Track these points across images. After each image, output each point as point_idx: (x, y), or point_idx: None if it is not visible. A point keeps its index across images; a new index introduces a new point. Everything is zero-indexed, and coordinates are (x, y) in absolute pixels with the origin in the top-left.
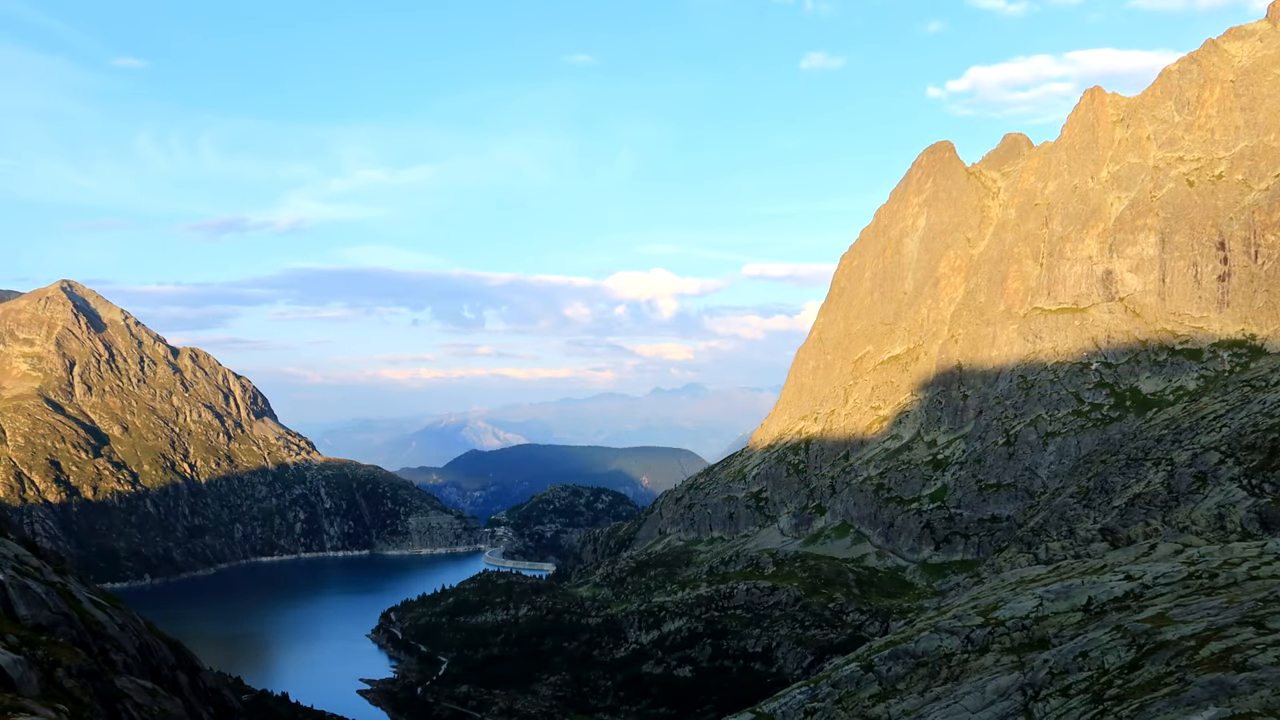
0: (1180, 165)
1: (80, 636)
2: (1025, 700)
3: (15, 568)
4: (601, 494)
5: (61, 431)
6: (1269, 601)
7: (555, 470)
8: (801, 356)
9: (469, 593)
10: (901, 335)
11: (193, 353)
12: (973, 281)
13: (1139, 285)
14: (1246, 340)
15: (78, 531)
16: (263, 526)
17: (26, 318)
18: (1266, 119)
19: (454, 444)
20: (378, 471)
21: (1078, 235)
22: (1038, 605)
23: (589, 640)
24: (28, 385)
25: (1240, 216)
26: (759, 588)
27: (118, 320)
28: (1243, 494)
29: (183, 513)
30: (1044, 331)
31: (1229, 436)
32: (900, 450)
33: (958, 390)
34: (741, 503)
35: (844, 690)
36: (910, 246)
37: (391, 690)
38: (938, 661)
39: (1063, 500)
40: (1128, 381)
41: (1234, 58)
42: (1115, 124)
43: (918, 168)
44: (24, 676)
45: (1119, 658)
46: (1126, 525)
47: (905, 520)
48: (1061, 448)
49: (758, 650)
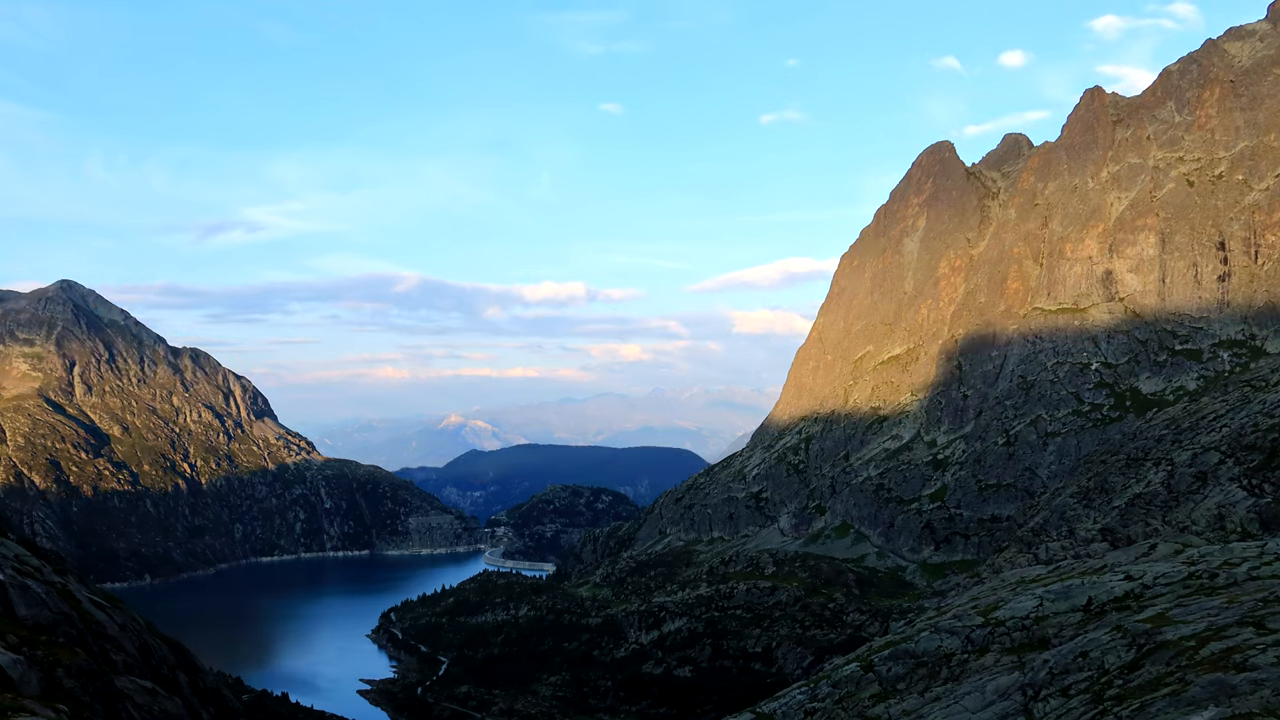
0: (1180, 165)
1: (80, 636)
2: (1025, 700)
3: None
4: (601, 494)
5: (61, 431)
6: (1269, 601)
7: (555, 470)
8: (801, 356)
9: (469, 593)
10: (901, 335)
11: (193, 353)
12: (973, 281)
13: (1139, 285)
14: (1246, 340)
15: (78, 531)
16: (263, 527)
17: (26, 318)
18: (1266, 119)
19: (454, 444)
20: (378, 471)
21: (1078, 235)
22: (1038, 605)
23: (589, 640)
24: (28, 385)
25: (1240, 216)
26: (759, 588)
27: (118, 320)
28: (1243, 494)
29: (183, 513)
30: (1044, 331)
31: (1229, 436)
32: (900, 450)
33: (958, 390)
34: (741, 503)
35: (844, 690)
36: (910, 246)
37: (391, 690)
38: (938, 661)
39: (1063, 500)
40: (1128, 381)
41: (1234, 58)
42: (1115, 124)
43: (918, 167)
44: (24, 676)
45: (1119, 658)
46: (1126, 525)
47: (905, 520)
48: (1061, 448)
49: (758, 650)
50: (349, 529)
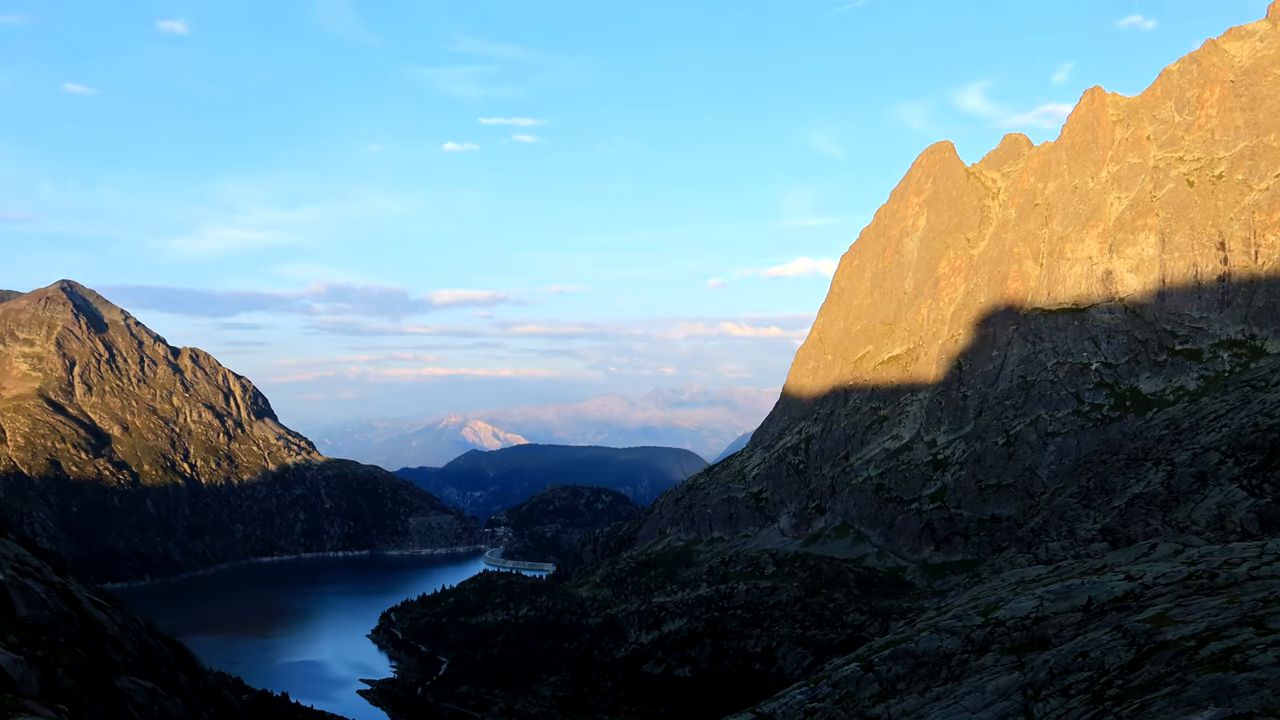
0: (1180, 165)
1: (80, 636)
2: (1025, 700)
3: (15, 568)
4: (601, 494)
5: (61, 431)
6: (1269, 601)
7: (555, 470)
8: (801, 356)
9: (469, 593)
10: (901, 335)
11: (193, 353)
12: (973, 281)
13: (1139, 285)
14: (1246, 340)
15: (78, 531)
16: (263, 526)
17: (26, 318)
18: (1266, 119)
19: (454, 444)
20: (378, 471)
21: (1078, 235)
22: (1038, 605)
23: (589, 640)
24: (28, 385)
25: (1240, 216)
26: (759, 588)
27: (118, 320)
28: (1243, 494)
29: (183, 513)
30: (1044, 331)
31: (1229, 436)
32: (900, 450)
33: (958, 390)
34: (741, 503)
35: (844, 690)
36: (910, 246)
37: (391, 690)
38: (938, 661)
39: (1063, 500)
40: (1128, 381)
41: (1234, 58)
42: (1115, 124)
43: (918, 167)
44: (24, 676)
45: (1119, 658)
46: (1126, 525)
47: (905, 520)
48: (1061, 448)
49: (758, 650)
50: (349, 529)
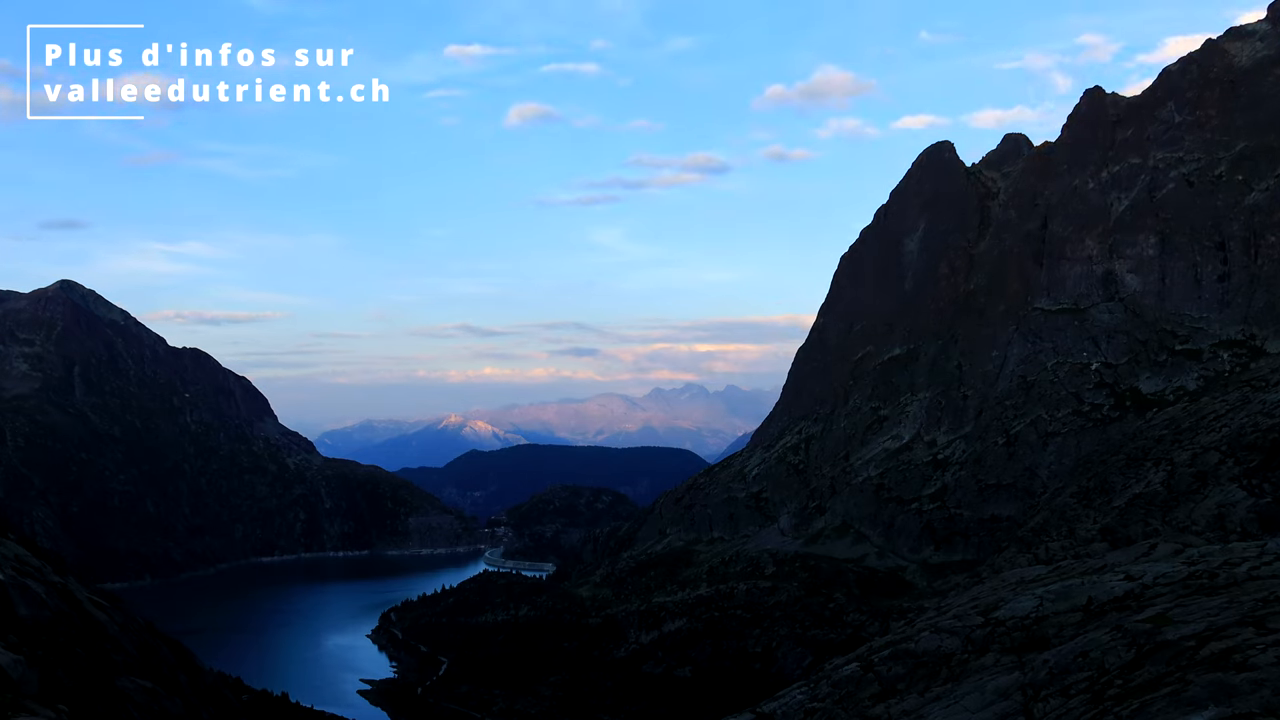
0: (1180, 166)
1: (80, 636)
2: (1025, 700)
3: (15, 568)
4: (601, 494)
5: (62, 431)
6: (1269, 601)
7: (555, 470)
8: (801, 356)
9: (469, 593)
10: (901, 335)
11: (193, 353)
12: (973, 281)
13: (1139, 286)
14: (1246, 340)
15: (78, 531)
16: (263, 527)
17: (26, 318)
18: (1267, 119)
19: (454, 444)
20: (378, 471)
21: (1078, 235)
22: (1038, 605)
23: (589, 640)
24: (28, 385)
25: (1240, 217)
26: (759, 588)
27: (118, 320)
28: (1243, 494)
29: (183, 513)
30: (1044, 331)
31: (1229, 436)
32: (900, 450)
33: (958, 390)
34: (741, 503)
35: (844, 690)
36: (910, 246)
37: (391, 690)
38: (938, 661)
39: (1063, 500)
40: (1128, 381)
41: (1234, 58)
42: (1115, 124)
43: (918, 167)
44: (24, 676)
45: (1119, 658)
46: (1126, 525)
47: (905, 520)
48: (1061, 448)
49: (758, 650)
50: (349, 529)
